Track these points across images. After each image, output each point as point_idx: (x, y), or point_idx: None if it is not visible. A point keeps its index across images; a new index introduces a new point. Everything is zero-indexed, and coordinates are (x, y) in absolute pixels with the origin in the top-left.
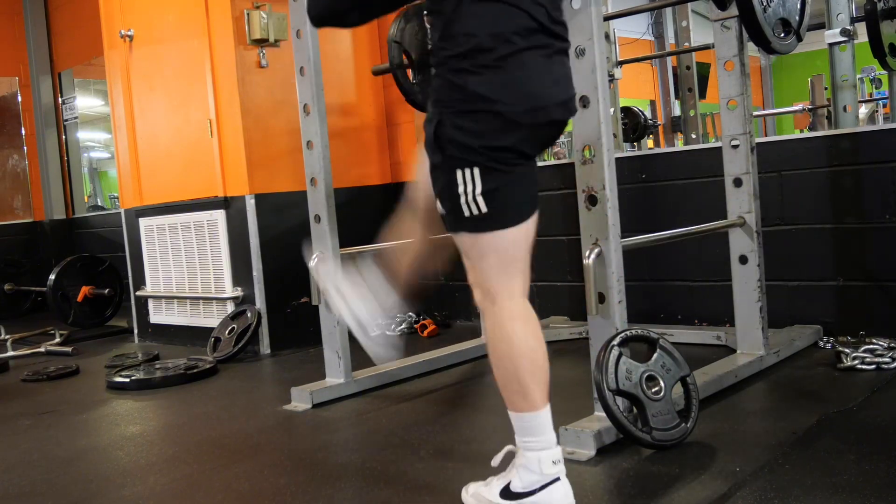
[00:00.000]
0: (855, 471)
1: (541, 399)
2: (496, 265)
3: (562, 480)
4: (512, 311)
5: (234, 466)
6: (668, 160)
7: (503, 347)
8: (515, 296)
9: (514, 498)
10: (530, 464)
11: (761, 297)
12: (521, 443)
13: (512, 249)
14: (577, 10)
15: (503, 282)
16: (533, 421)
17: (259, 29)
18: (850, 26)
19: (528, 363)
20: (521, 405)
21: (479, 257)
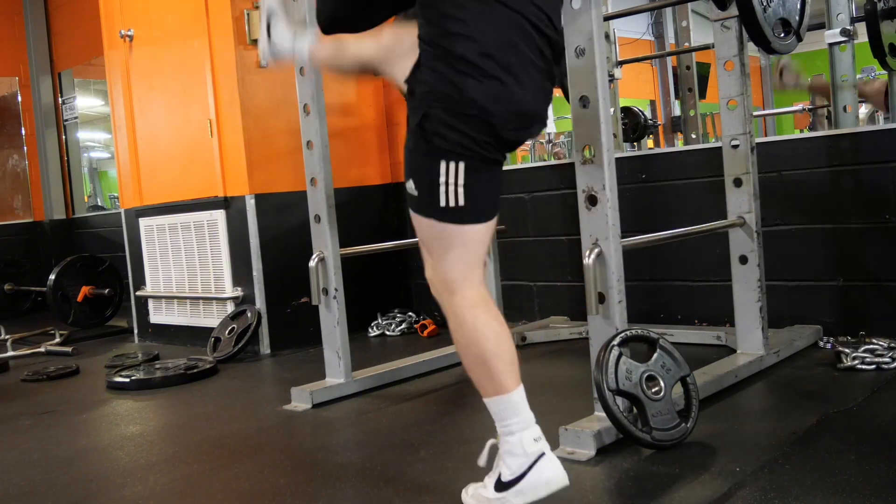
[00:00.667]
0: (855, 471)
1: (511, 380)
2: (461, 257)
3: (547, 455)
4: (472, 299)
5: (234, 466)
6: (668, 160)
7: (467, 335)
8: (475, 285)
9: (507, 487)
10: (514, 448)
11: (761, 297)
12: (500, 428)
13: (477, 244)
14: (577, 10)
15: (465, 272)
16: (507, 403)
17: (259, 29)
18: (850, 26)
19: (492, 346)
20: (492, 389)
21: (444, 249)
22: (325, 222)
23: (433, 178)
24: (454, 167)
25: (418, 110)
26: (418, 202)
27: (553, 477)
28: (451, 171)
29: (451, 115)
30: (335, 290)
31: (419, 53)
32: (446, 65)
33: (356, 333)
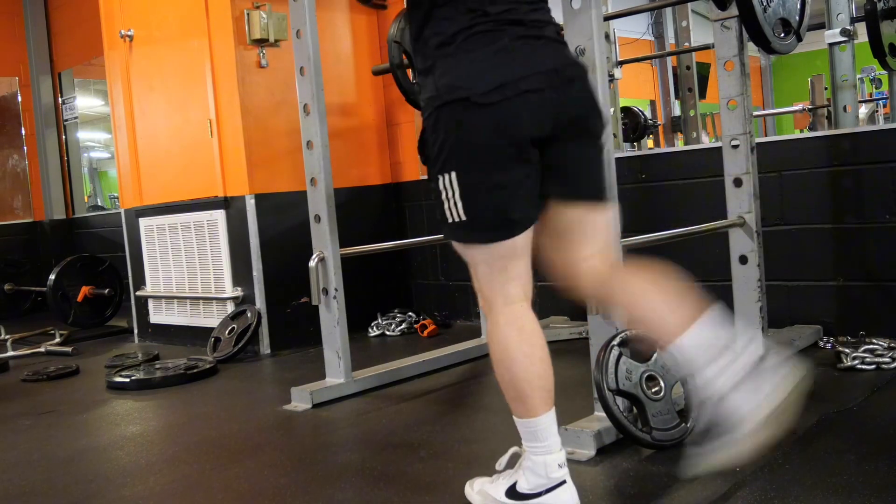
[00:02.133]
0: (855, 471)
1: (541, 405)
2: (490, 274)
3: (567, 483)
4: (508, 316)
5: (234, 466)
6: (668, 160)
7: (499, 353)
8: (512, 301)
9: (520, 498)
10: (536, 467)
11: (761, 297)
12: (526, 447)
13: (503, 263)
14: (577, 10)
15: (497, 288)
16: (534, 427)
17: (259, 29)
18: (850, 26)
19: (522, 370)
20: (521, 411)
21: (473, 265)
22: (325, 222)
23: (438, 197)
24: (448, 179)
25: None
26: (444, 229)
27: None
28: (448, 183)
29: (436, 110)
30: (335, 290)
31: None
32: (430, 78)
33: (356, 333)
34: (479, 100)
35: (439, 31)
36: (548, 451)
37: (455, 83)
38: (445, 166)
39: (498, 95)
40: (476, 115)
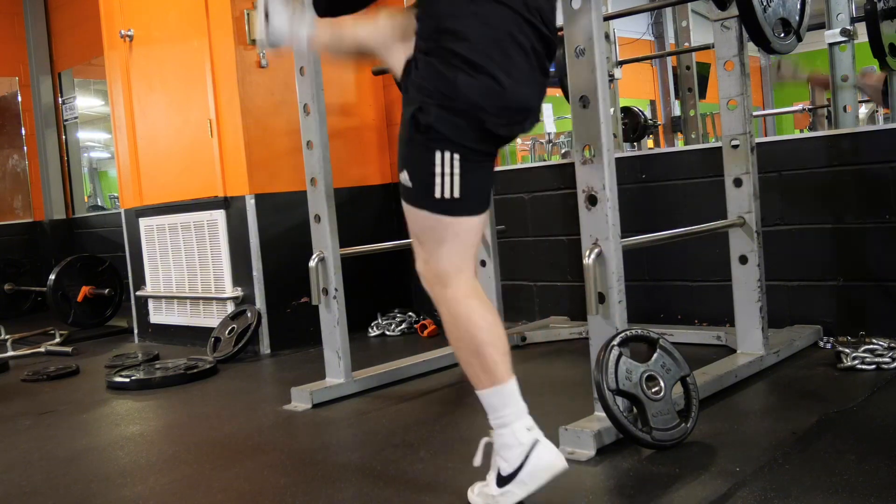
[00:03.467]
0: (855, 471)
1: (505, 371)
2: (454, 249)
3: (541, 441)
4: (466, 290)
5: (234, 466)
6: (668, 160)
7: (462, 326)
8: (469, 277)
9: (508, 480)
10: (507, 440)
11: (761, 297)
12: (494, 420)
13: (470, 236)
14: (577, 10)
15: (458, 265)
16: (501, 393)
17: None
18: (850, 26)
19: (486, 336)
20: (487, 381)
21: (437, 241)
22: (325, 222)
23: (429, 168)
24: (449, 158)
25: (413, 102)
26: (413, 193)
27: (551, 461)
28: (447, 161)
29: (444, 109)
30: (335, 290)
31: (414, 46)
32: (440, 60)
33: (356, 333)
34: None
35: None
36: (515, 416)
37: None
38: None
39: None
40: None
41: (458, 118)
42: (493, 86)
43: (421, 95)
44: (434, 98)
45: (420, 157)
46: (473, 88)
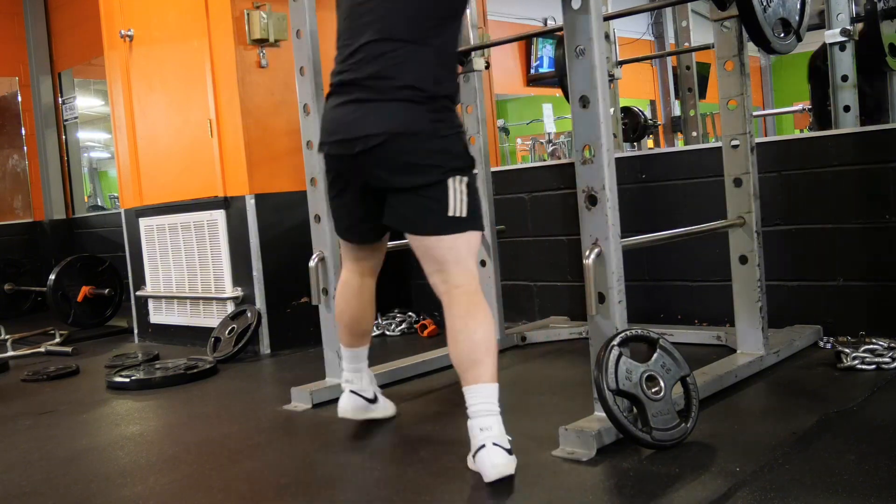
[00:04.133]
0: (855, 471)
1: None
2: (474, 257)
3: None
4: (481, 293)
5: (234, 466)
6: (668, 160)
7: (489, 323)
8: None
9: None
10: (500, 424)
11: (761, 297)
12: (492, 407)
13: (477, 245)
14: (577, 10)
15: (475, 270)
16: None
17: (259, 29)
18: (850, 26)
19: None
20: (495, 376)
21: (474, 255)
22: (325, 222)
23: (473, 197)
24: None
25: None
26: (465, 222)
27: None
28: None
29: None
30: (335, 290)
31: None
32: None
33: None
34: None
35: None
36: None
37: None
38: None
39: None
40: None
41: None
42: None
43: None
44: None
45: (473, 191)
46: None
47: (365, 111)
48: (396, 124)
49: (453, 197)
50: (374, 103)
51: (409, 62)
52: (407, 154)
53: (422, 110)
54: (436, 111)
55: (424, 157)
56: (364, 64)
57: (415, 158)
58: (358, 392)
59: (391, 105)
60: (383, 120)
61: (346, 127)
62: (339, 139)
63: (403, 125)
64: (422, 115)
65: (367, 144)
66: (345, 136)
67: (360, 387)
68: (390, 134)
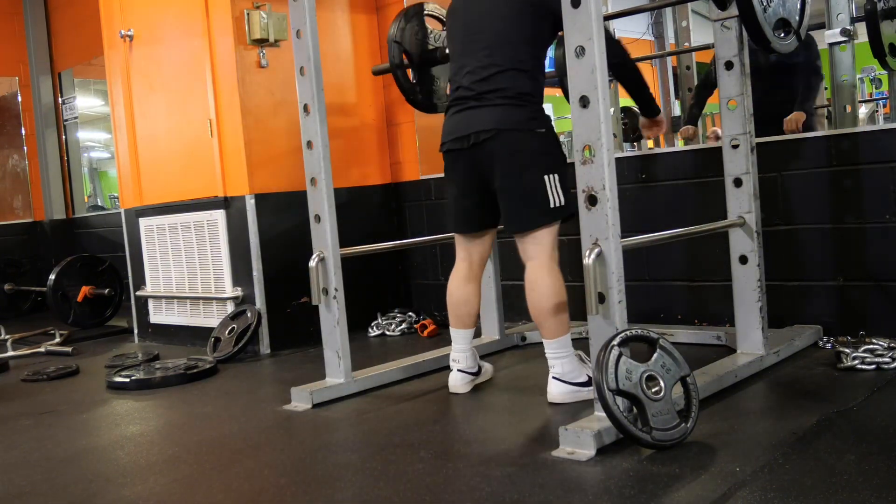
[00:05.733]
0: (855, 471)
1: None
2: (556, 239)
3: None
4: (557, 265)
5: (234, 466)
6: (668, 160)
7: (559, 287)
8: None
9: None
10: (574, 363)
11: (761, 297)
12: (567, 352)
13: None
14: (577, 10)
15: (554, 249)
16: (567, 339)
17: (259, 29)
18: (850, 26)
19: (565, 297)
20: (563, 330)
21: (551, 235)
22: (325, 222)
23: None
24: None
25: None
26: (562, 210)
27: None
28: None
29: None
30: (335, 290)
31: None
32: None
33: (356, 333)
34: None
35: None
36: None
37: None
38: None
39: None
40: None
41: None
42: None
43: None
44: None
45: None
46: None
47: (475, 113)
48: (502, 121)
49: (551, 192)
50: (482, 108)
51: (510, 77)
52: (512, 147)
53: (521, 111)
54: (532, 112)
55: (527, 157)
56: (476, 81)
57: (518, 155)
58: (464, 370)
59: (496, 108)
60: (491, 119)
61: (462, 127)
62: (455, 137)
63: (508, 122)
64: (521, 114)
65: (478, 138)
66: (460, 133)
67: (465, 365)
68: (497, 129)
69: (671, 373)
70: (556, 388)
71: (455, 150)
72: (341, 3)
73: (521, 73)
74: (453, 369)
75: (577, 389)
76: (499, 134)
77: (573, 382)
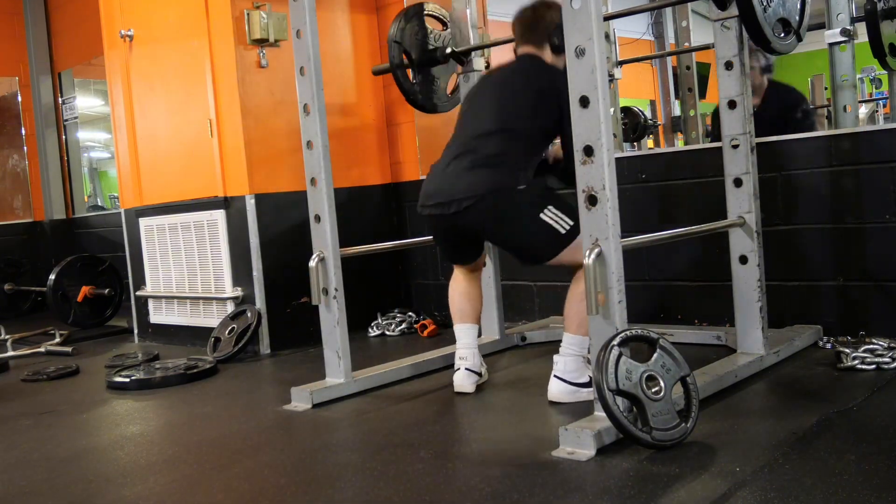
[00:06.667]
0: (855, 471)
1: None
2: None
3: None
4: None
5: (234, 466)
6: (668, 160)
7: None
8: None
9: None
10: (580, 363)
11: (761, 297)
12: (580, 352)
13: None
14: (577, 10)
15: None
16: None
17: (259, 29)
18: (850, 26)
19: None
20: (585, 330)
21: (576, 250)
22: (325, 222)
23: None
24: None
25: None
26: (574, 229)
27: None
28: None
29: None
30: (335, 290)
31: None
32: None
33: (356, 333)
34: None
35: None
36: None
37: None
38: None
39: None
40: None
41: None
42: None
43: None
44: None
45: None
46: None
47: (459, 176)
48: (485, 185)
49: (555, 223)
50: (466, 171)
51: (499, 140)
52: (497, 211)
53: (503, 172)
54: (515, 173)
55: (515, 212)
56: (468, 140)
57: (507, 218)
58: (471, 369)
59: (480, 172)
60: (473, 184)
61: (444, 191)
62: (436, 202)
63: (490, 186)
64: (503, 176)
65: (460, 206)
66: (442, 199)
67: (472, 363)
68: (480, 195)
69: (671, 373)
70: (557, 386)
71: (436, 215)
72: (341, 3)
73: (513, 138)
74: (461, 367)
75: (577, 390)
76: (482, 199)
77: (573, 382)
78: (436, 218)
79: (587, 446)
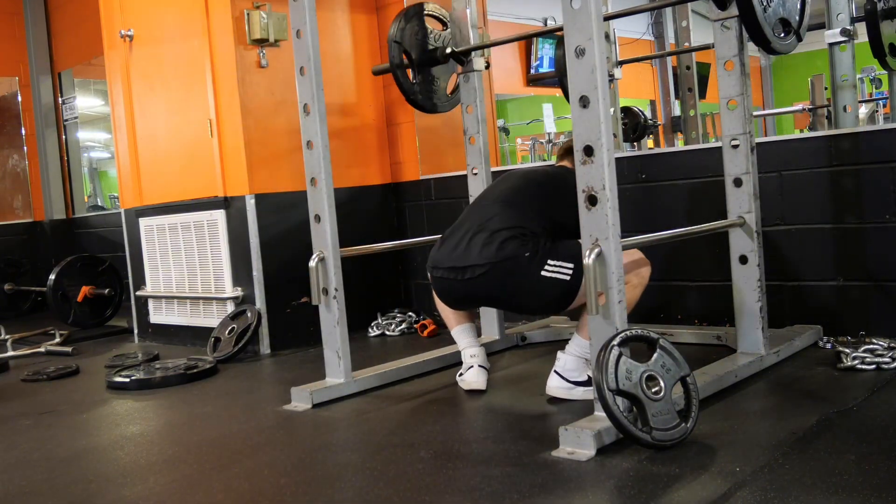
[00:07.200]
0: (855, 471)
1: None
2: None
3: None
4: None
5: (234, 466)
6: (668, 160)
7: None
8: None
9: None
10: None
11: (761, 297)
12: (585, 352)
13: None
14: (577, 10)
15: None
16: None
17: (259, 29)
18: (850, 26)
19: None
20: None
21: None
22: (325, 222)
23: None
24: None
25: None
26: (577, 272)
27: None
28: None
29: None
30: (335, 290)
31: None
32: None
33: (356, 333)
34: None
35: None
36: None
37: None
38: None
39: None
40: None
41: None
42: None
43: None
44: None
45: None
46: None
47: (471, 244)
48: (496, 256)
49: (557, 274)
50: (478, 241)
51: (511, 215)
52: (505, 278)
53: (515, 245)
54: (523, 242)
55: (521, 277)
56: (481, 218)
57: (514, 284)
58: (483, 366)
59: (492, 243)
60: (485, 254)
61: (458, 257)
62: (449, 266)
63: (500, 256)
64: (514, 247)
65: (473, 273)
66: (455, 264)
67: (482, 360)
68: (491, 264)
69: (671, 373)
70: (554, 381)
71: (448, 279)
72: (341, 3)
73: (531, 220)
74: (473, 365)
75: (572, 387)
76: (494, 267)
77: (571, 380)
78: (447, 281)
79: (587, 446)
